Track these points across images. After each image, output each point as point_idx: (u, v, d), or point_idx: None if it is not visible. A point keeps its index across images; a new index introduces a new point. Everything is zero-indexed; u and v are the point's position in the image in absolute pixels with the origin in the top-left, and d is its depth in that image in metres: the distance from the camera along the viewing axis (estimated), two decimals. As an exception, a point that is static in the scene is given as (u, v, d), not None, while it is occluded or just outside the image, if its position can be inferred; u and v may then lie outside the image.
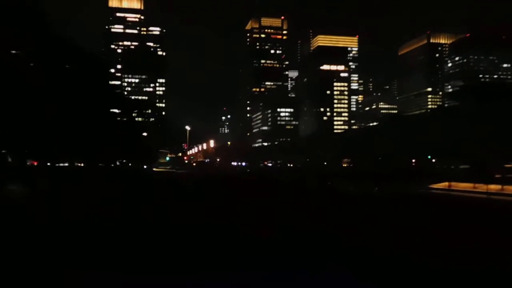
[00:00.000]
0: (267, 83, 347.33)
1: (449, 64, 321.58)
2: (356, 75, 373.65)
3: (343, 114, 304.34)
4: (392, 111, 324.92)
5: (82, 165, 70.93)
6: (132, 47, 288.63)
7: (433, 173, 63.17)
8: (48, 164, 52.95)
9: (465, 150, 63.11)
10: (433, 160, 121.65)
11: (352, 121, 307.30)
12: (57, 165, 60.23)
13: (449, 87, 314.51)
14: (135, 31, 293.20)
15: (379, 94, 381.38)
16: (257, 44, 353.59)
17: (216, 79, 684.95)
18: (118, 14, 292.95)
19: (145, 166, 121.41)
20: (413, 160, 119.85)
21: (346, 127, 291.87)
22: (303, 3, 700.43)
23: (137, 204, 23.52)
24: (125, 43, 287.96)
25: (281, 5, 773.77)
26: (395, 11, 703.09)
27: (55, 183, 36.43)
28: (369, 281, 9.74)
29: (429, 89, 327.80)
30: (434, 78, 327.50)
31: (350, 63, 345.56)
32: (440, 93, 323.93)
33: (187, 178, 60.43)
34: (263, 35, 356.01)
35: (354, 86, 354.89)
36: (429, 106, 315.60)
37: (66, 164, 64.58)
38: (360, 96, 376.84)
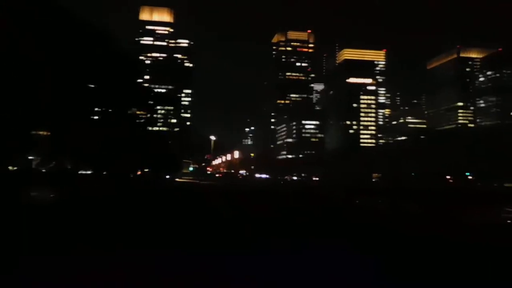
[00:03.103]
0: (292, 95, 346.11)
1: (481, 79, 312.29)
2: (383, 89, 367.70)
3: (370, 128, 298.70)
4: (421, 126, 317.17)
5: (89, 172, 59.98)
6: (161, 58, 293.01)
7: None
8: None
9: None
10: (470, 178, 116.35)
11: (379, 135, 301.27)
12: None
13: (481, 102, 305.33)
14: (164, 43, 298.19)
15: (407, 108, 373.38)
16: (283, 57, 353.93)
17: (241, 90, 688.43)
18: (148, 27, 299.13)
19: (167, 176, 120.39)
20: (448, 177, 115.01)
21: (373, 140, 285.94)
22: (329, 17, 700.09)
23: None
24: (154, 54, 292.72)
25: (307, 19, 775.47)
26: (423, 25, 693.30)
27: None
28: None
29: (460, 103, 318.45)
30: (464, 93, 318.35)
31: (377, 77, 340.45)
32: (472, 108, 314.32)
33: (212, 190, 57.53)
34: (289, 48, 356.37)
35: (382, 99, 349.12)
36: (460, 121, 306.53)
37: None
38: (387, 110, 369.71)
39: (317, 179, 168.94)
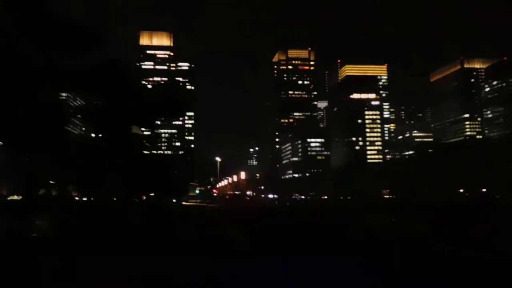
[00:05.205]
0: (295, 113, 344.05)
1: (487, 89, 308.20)
2: (387, 104, 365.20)
3: (376, 143, 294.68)
4: (427, 139, 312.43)
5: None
6: (162, 82, 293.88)
7: None
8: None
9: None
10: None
11: (386, 150, 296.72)
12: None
13: (488, 112, 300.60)
14: (165, 67, 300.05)
15: (412, 122, 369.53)
16: (285, 75, 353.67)
17: (244, 111, 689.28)
18: (148, 52, 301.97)
19: (174, 200, 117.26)
20: (461, 190, 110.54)
21: (380, 156, 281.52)
22: (329, 33, 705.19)
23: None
24: (155, 78, 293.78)
25: (307, 36, 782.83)
26: (424, 38, 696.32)
27: None
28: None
29: (467, 115, 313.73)
30: (470, 104, 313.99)
31: (381, 92, 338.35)
32: (479, 119, 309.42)
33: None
34: (290, 67, 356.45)
35: (386, 114, 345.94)
36: (467, 133, 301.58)
37: None
38: (392, 124, 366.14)
39: (326, 197, 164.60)
